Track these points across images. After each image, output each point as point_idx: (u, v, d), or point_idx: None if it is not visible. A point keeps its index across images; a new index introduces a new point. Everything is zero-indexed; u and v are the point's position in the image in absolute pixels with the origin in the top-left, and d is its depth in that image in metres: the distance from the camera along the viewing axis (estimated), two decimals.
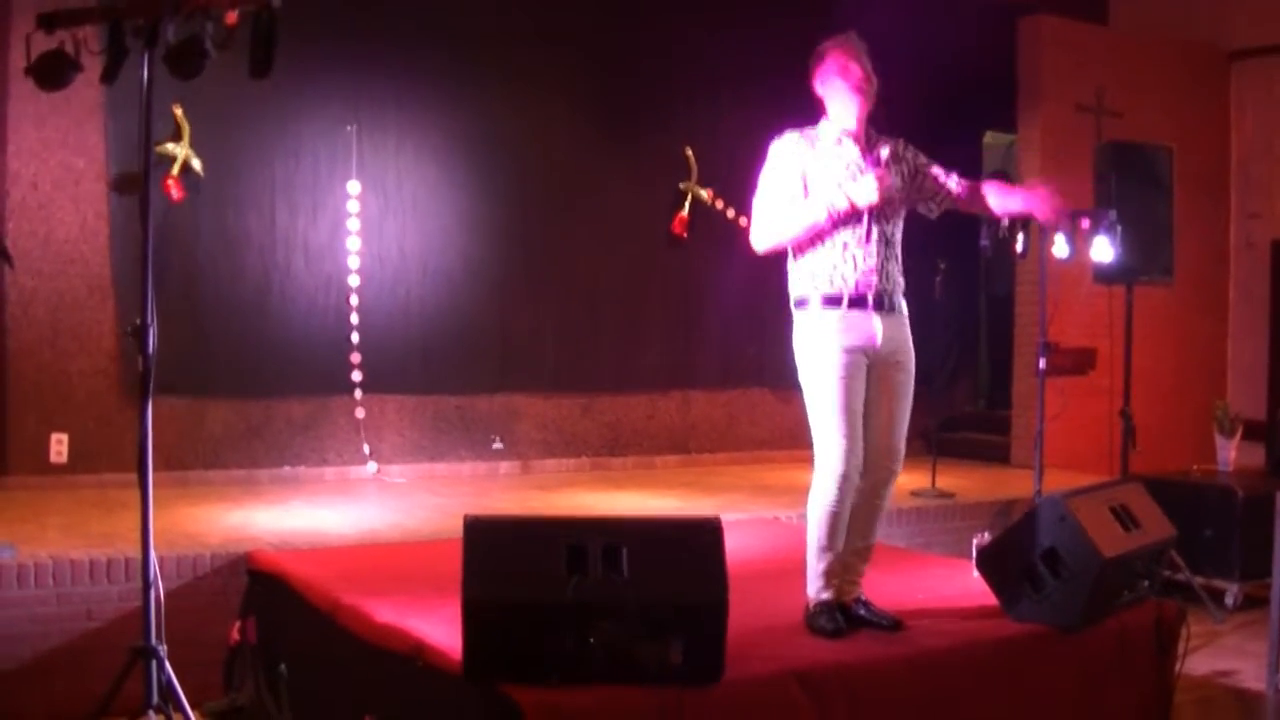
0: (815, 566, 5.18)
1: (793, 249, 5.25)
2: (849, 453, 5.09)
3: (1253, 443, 9.65)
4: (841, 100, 5.21)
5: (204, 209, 8.67)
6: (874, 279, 5.14)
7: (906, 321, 5.29)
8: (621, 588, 4.16)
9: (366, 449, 9.29)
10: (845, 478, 5.09)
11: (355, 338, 9.23)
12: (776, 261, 5.35)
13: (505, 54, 9.71)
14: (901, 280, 5.28)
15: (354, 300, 9.22)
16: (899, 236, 5.30)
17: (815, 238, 5.15)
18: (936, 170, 5.38)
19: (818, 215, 5.09)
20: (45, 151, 8.28)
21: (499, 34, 9.71)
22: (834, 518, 5.12)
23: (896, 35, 10.02)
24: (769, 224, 5.22)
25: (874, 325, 5.14)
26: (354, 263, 9.19)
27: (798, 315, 5.25)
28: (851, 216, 5.11)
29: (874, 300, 5.14)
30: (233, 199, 8.81)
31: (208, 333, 8.73)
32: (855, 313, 5.12)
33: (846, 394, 5.09)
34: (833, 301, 5.13)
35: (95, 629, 5.99)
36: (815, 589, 5.17)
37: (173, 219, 8.49)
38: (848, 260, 5.13)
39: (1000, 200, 5.47)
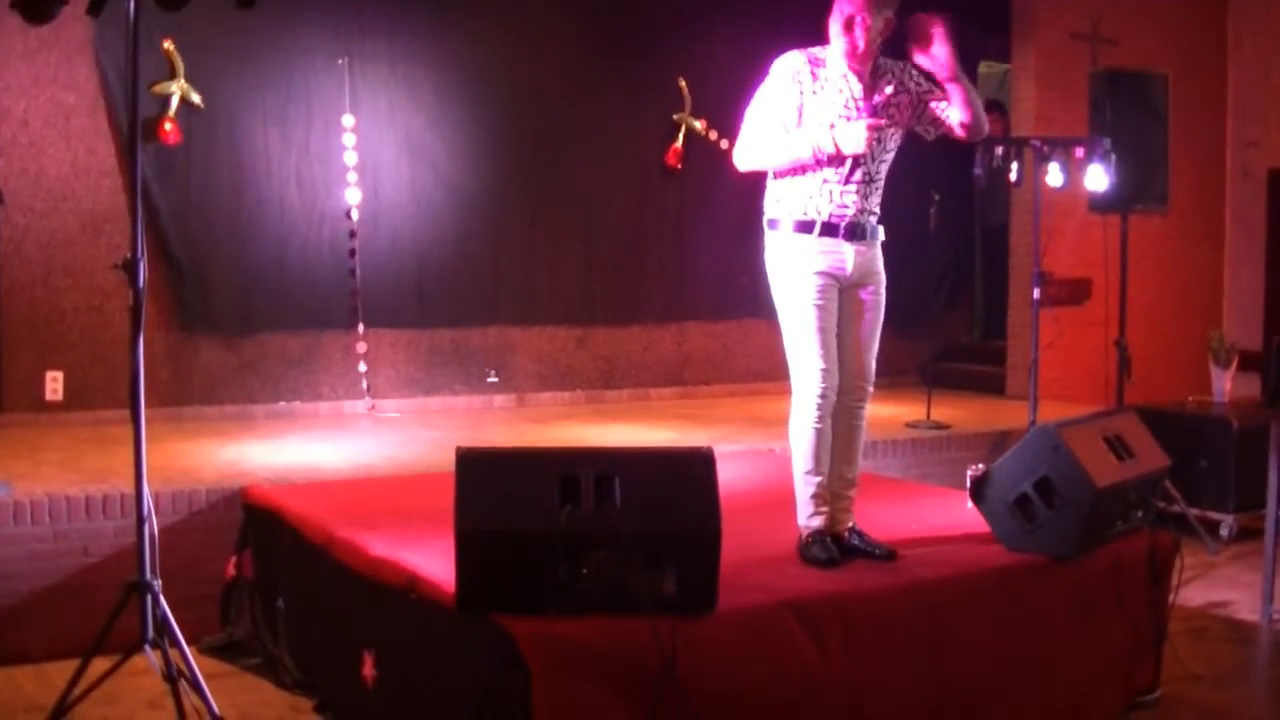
0: (803, 492, 5.19)
1: (773, 171, 5.23)
2: (826, 373, 5.11)
3: (1249, 373, 9.66)
4: (833, 38, 5.16)
5: (197, 144, 8.62)
6: (847, 212, 5.13)
7: (879, 246, 5.29)
8: (614, 518, 4.15)
9: (365, 385, 9.29)
10: (823, 397, 5.10)
11: (356, 271, 9.22)
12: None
13: None
14: (878, 209, 5.27)
15: (348, 234, 9.18)
16: (885, 171, 5.27)
17: (797, 169, 5.13)
18: (935, 103, 5.31)
19: (803, 152, 5.07)
20: (35, 88, 8.23)
21: None
22: (817, 436, 5.12)
23: None
24: (754, 146, 5.21)
25: (844, 252, 5.13)
26: (348, 196, 9.14)
27: (770, 236, 5.25)
28: (836, 159, 5.08)
29: (845, 230, 5.13)
30: (225, 134, 8.75)
31: (203, 267, 8.71)
32: (827, 239, 5.12)
33: (820, 316, 5.11)
34: (805, 228, 5.13)
35: (92, 565, 6.01)
36: (805, 515, 5.18)
37: (166, 154, 8.46)
38: (824, 193, 5.11)
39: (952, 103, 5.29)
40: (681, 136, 10.35)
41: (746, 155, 5.25)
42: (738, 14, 10.33)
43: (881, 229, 5.27)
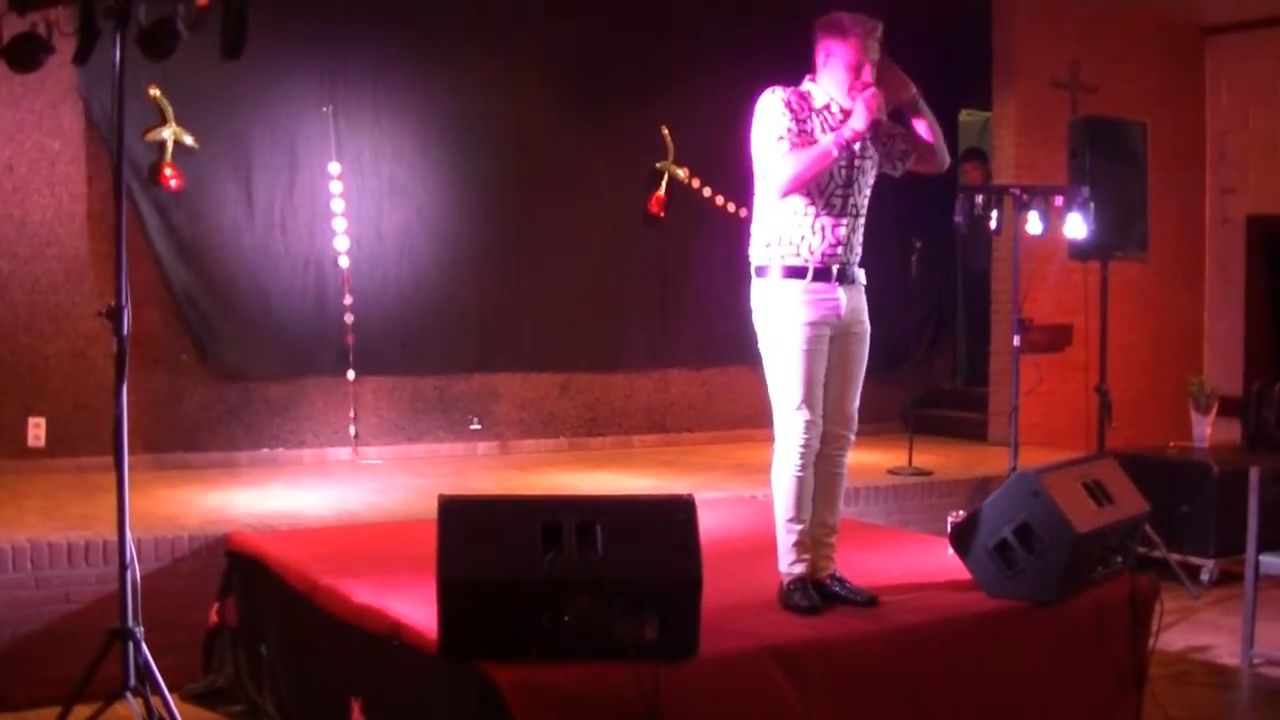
0: (785, 540, 5.20)
1: (763, 212, 5.24)
2: (810, 423, 5.12)
3: (1229, 418, 9.68)
4: (838, 90, 5.20)
5: (194, 188, 8.65)
6: (839, 250, 5.15)
7: (863, 290, 5.31)
8: (596, 565, 4.17)
9: (353, 431, 9.31)
10: (806, 446, 5.12)
11: (347, 318, 9.23)
12: (745, 247, 5.35)
13: (482, 33, 9.67)
14: (860, 250, 5.29)
15: (339, 281, 9.20)
16: (866, 207, 5.31)
17: (789, 204, 5.13)
18: (896, 130, 5.37)
19: (827, 149, 5.05)
20: (20, 134, 8.25)
21: (475, 13, 9.66)
22: (799, 484, 5.14)
23: (872, 13, 10.01)
24: (784, 168, 5.08)
25: (839, 297, 5.16)
26: (332, 244, 9.17)
27: (758, 283, 5.25)
28: (856, 138, 5.09)
29: (837, 273, 5.15)
30: (211, 181, 8.77)
31: (184, 314, 8.72)
32: (819, 284, 5.13)
33: (809, 366, 5.12)
34: (795, 273, 5.13)
35: (74, 612, 6.00)
36: (787, 563, 5.19)
37: (163, 198, 8.51)
38: (816, 231, 5.13)
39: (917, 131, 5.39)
40: (664, 184, 10.40)
41: (782, 178, 5.09)
42: (721, 63, 10.36)
43: (862, 272, 5.30)
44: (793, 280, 5.14)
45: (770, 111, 5.17)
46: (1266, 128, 11.80)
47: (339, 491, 7.99)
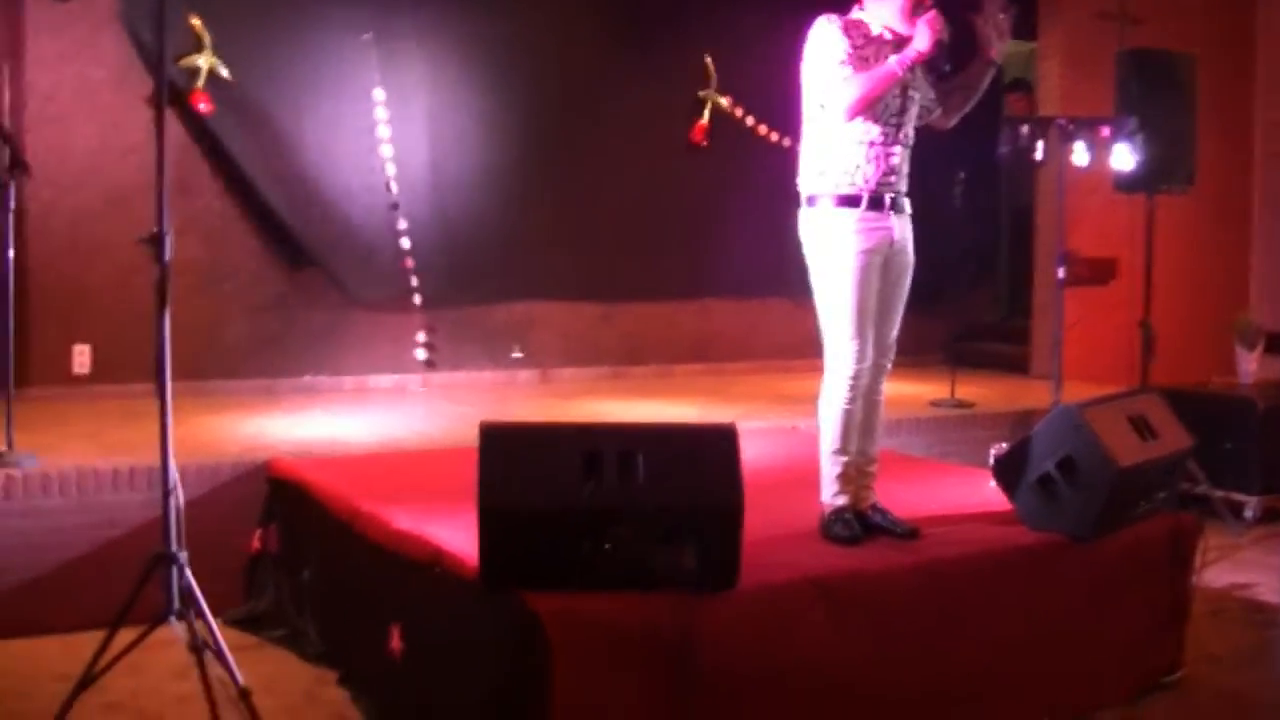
0: (830, 471, 5.20)
1: (815, 144, 5.20)
2: (860, 353, 5.12)
3: (1275, 355, 9.60)
4: (893, 15, 5.17)
5: (226, 119, 8.64)
6: (892, 179, 5.14)
7: (910, 220, 5.30)
8: (637, 494, 4.17)
9: (425, 357, 9.37)
10: (857, 377, 5.12)
11: (403, 243, 9.29)
12: (792, 178, 5.32)
13: None
14: (908, 180, 5.29)
15: (389, 208, 9.20)
16: (913, 136, 5.29)
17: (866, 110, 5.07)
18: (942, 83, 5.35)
19: (890, 69, 5.01)
20: (61, 62, 8.26)
21: None
22: (847, 416, 5.14)
23: None
24: (848, 88, 5.02)
25: (892, 225, 5.14)
26: (373, 173, 9.15)
27: (808, 212, 5.22)
28: (918, 64, 5.09)
29: (890, 202, 5.13)
30: (253, 109, 8.76)
31: (230, 242, 8.74)
32: (872, 214, 5.10)
33: (861, 296, 5.09)
34: (849, 201, 5.10)
35: (118, 537, 6.05)
36: (830, 494, 5.19)
37: (195, 127, 8.50)
38: (871, 160, 5.10)
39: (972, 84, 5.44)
40: (707, 113, 10.34)
41: (848, 100, 5.02)
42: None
43: (909, 202, 5.28)
44: (846, 209, 5.10)
45: (828, 37, 5.12)
46: None
47: (380, 419, 8.02)
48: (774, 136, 10.53)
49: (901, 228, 5.22)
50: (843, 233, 5.10)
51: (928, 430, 8.47)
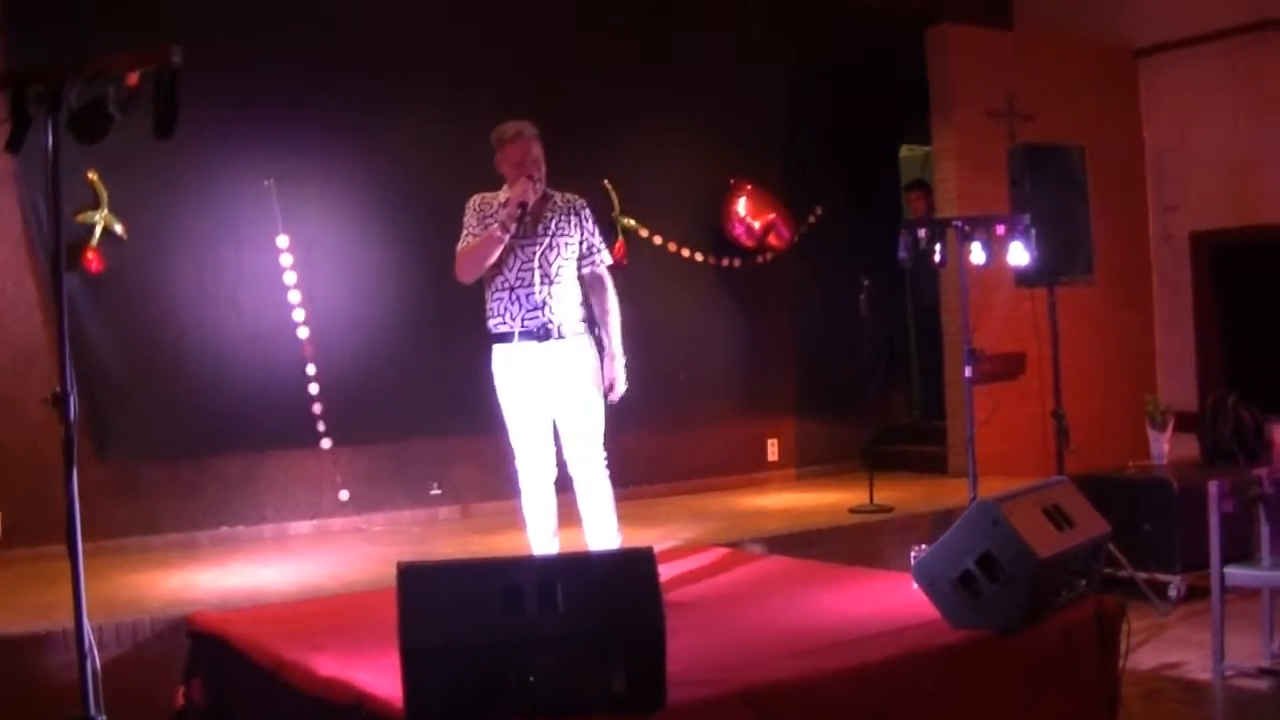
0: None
1: None
2: None
3: (1186, 434, 9.72)
4: None
5: (128, 272, 8.60)
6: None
7: None
8: (558, 623, 4.16)
9: (345, 495, 9.29)
10: None
11: (311, 389, 9.23)
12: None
13: (422, 98, 9.67)
14: None
15: (289, 353, 9.17)
16: None
17: None
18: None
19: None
20: None
21: (418, 80, 9.66)
22: None
23: (810, 57, 10.16)
24: None
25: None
26: (281, 317, 9.13)
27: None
28: None
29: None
30: (156, 260, 8.73)
31: (137, 396, 8.67)
32: None
33: None
34: None
35: (37, 705, 5.92)
36: None
37: (99, 283, 8.45)
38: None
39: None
40: (620, 234, 10.40)
41: None
42: (657, 112, 10.44)
43: None
44: None
45: None
46: (1203, 144, 11.91)
47: (300, 565, 7.94)
48: (698, 256, 10.66)
49: None
50: None
51: (849, 537, 8.49)
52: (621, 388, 6.81)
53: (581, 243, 6.70)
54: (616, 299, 6.86)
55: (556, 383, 6.55)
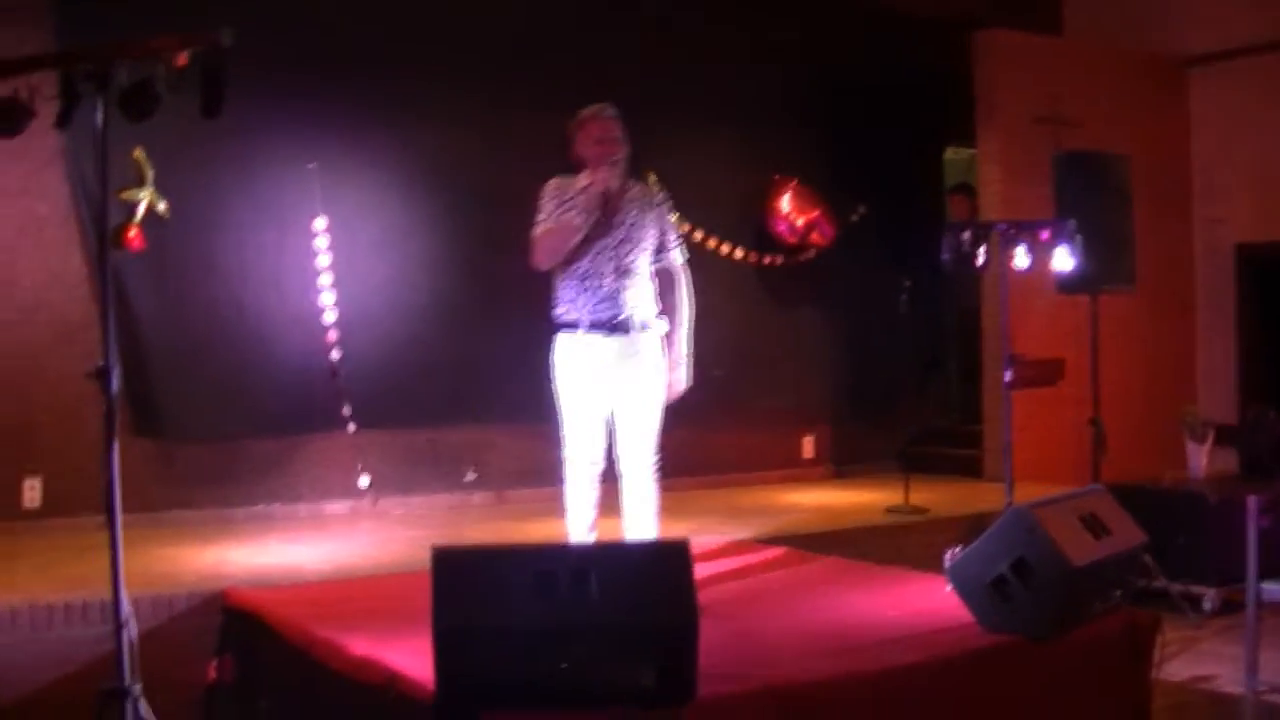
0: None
1: None
2: None
3: (1225, 447, 9.67)
4: None
5: (170, 251, 8.66)
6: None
7: None
8: (591, 612, 4.17)
9: (367, 480, 9.30)
10: None
11: (341, 373, 9.24)
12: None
13: (464, 87, 9.71)
14: None
15: (328, 336, 9.19)
16: None
17: None
18: None
19: None
20: (6, 199, 8.28)
21: (458, 62, 9.71)
22: None
23: (857, 59, 10.13)
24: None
25: None
26: (321, 299, 9.17)
27: None
28: None
29: None
30: (198, 240, 8.79)
31: (177, 375, 8.73)
32: None
33: None
34: None
35: (71, 673, 5.96)
36: None
37: (141, 261, 8.50)
38: None
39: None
40: None
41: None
42: (699, 111, 10.44)
43: None
44: None
45: None
46: (1251, 156, 11.83)
47: (334, 546, 7.99)
48: (726, 249, 10.63)
49: None
50: None
51: (883, 538, 8.48)
52: (681, 388, 6.70)
53: (658, 237, 6.60)
54: (690, 298, 6.76)
55: (620, 377, 6.43)
